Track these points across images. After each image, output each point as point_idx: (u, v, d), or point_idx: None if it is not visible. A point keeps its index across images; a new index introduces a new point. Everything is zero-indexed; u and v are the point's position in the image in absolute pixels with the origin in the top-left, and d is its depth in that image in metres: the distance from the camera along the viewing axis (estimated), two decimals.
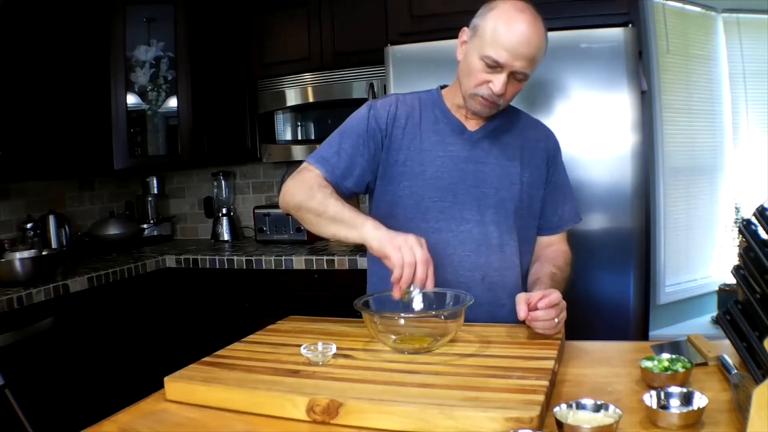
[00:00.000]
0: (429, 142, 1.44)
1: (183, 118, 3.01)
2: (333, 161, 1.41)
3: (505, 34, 1.28)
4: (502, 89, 1.32)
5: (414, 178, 1.43)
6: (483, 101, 1.35)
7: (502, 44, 1.28)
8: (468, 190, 1.42)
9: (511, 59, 1.28)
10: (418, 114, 1.46)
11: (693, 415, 0.85)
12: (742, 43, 3.22)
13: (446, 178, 1.42)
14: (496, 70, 1.31)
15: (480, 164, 1.44)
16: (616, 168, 2.20)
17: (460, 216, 1.42)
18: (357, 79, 2.82)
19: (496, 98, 1.34)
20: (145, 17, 2.98)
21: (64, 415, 2.15)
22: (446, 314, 1.20)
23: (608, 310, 2.23)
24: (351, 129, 1.45)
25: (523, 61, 1.29)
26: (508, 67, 1.30)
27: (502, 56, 1.28)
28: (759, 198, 2.85)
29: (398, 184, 1.44)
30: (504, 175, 1.44)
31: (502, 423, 0.84)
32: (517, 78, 1.33)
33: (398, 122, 1.45)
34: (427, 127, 1.45)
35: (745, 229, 0.95)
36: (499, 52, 1.28)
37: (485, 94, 1.34)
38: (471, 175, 1.43)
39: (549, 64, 2.23)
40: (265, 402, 0.99)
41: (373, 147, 1.43)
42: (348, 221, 1.28)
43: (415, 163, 1.43)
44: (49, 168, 2.64)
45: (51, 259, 2.43)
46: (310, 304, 2.62)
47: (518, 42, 1.27)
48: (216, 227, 3.37)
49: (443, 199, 1.42)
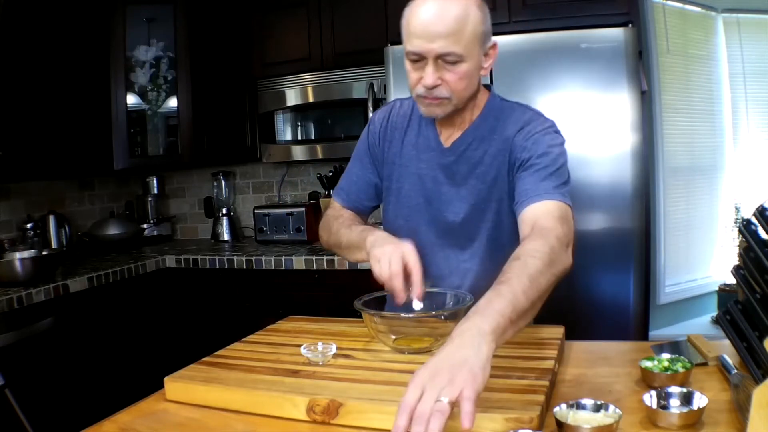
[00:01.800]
0: (407, 156, 1.41)
1: (183, 118, 3.01)
2: (346, 187, 1.50)
3: (413, 21, 1.20)
4: (433, 79, 1.21)
5: (394, 193, 1.44)
6: (425, 101, 1.25)
7: (414, 33, 1.19)
8: (432, 213, 1.38)
9: (427, 43, 1.18)
10: (406, 124, 1.42)
11: (693, 415, 0.85)
12: (742, 43, 3.22)
13: (414, 198, 1.40)
14: (421, 63, 1.21)
15: (447, 185, 1.36)
16: (616, 168, 2.20)
17: (426, 240, 1.37)
18: (357, 79, 2.82)
19: (433, 92, 1.23)
20: (145, 17, 2.98)
21: (64, 415, 2.15)
22: (446, 314, 1.20)
23: (608, 310, 2.23)
24: (357, 151, 1.50)
25: (441, 40, 1.17)
26: (429, 53, 1.19)
27: (417, 45, 1.19)
28: (759, 198, 2.85)
29: (386, 198, 1.47)
30: (469, 196, 1.35)
31: (502, 423, 0.84)
32: (449, 61, 1.19)
33: (388, 134, 1.44)
34: (409, 140, 1.41)
35: (745, 229, 0.95)
36: (413, 42, 1.20)
37: (421, 93, 1.24)
38: (436, 198, 1.37)
39: (549, 64, 2.25)
40: (265, 402, 0.99)
41: (375, 162, 1.47)
42: (356, 244, 1.32)
43: (394, 179, 1.43)
44: (49, 168, 2.64)
45: (51, 259, 2.43)
46: (310, 304, 2.62)
47: (427, 23, 1.17)
48: (216, 227, 3.37)
49: (410, 219, 1.41)
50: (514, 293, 0.93)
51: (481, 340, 0.84)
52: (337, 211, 1.49)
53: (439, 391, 0.77)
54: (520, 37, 2.25)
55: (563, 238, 1.13)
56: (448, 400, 0.76)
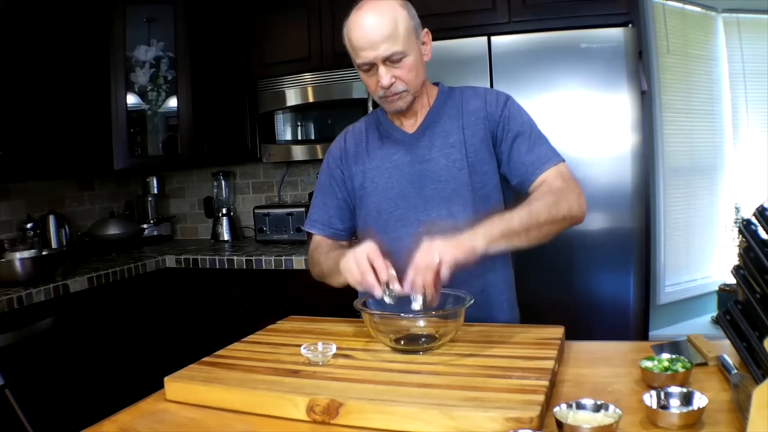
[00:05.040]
0: (376, 159, 1.49)
1: (183, 118, 3.01)
2: (317, 217, 1.56)
3: (354, 36, 1.34)
4: (388, 79, 1.34)
5: (370, 195, 1.49)
6: (388, 99, 1.39)
7: (357, 46, 1.34)
8: (418, 192, 1.44)
9: (372, 51, 1.32)
10: (365, 136, 1.53)
11: (693, 415, 0.85)
12: (742, 43, 3.22)
13: (395, 186, 1.46)
14: (372, 70, 1.36)
15: (424, 163, 1.44)
16: (616, 168, 2.20)
17: (416, 219, 1.43)
18: (357, 79, 2.81)
19: (391, 90, 1.36)
20: (145, 17, 2.98)
21: (64, 415, 2.15)
22: (446, 314, 1.20)
23: (608, 310, 2.23)
24: (320, 182, 1.58)
25: (383, 45, 1.32)
26: (377, 59, 1.33)
27: (363, 56, 1.34)
28: (759, 198, 2.85)
29: (363, 207, 1.51)
30: (449, 165, 1.43)
31: (502, 423, 0.84)
32: (395, 60, 1.33)
33: (349, 153, 1.53)
34: (374, 146, 1.51)
35: (745, 229, 0.95)
36: (359, 54, 1.34)
37: (383, 93, 1.38)
38: (417, 177, 1.44)
39: (549, 64, 2.25)
40: (265, 402, 0.99)
41: (341, 186, 1.53)
42: (334, 269, 1.34)
43: (368, 182, 1.49)
44: (49, 168, 2.64)
45: (51, 259, 2.43)
46: (310, 304, 2.61)
47: (365, 34, 1.32)
48: (216, 227, 3.37)
49: (397, 207, 1.46)
50: (510, 218, 1.23)
51: (474, 236, 1.18)
52: (316, 242, 1.56)
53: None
54: (520, 37, 2.25)
55: (574, 189, 1.33)
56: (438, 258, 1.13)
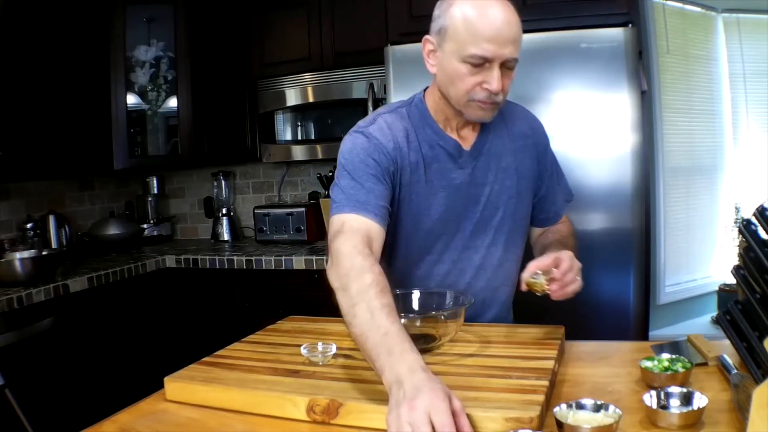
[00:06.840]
0: (431, 172, 1.31)
1: (183, 118, 3.01)
2: (366, 200, 1.21)
3: (483, 24, 1.14)
4: (500, 85, 1.18)
5: (415, 209, 1.32)
6: (482, 105, 1.22)
7: (483, 36, 1.14)
8: (470, 217, 1.36)
9: (499, 48, 1.15)
10: (415, 137, 1.30)
11: (693, 415, 0.85)
12: (742, 43, 3.22)
13: (451, 210, 1.34)
14: (485, 66, 1.17)
15: (480, 186, 1.35)
16: (616, 168, 2.20)
17: (460, 244, 1.37)
18: (357, 79, 2.82)
19: (495, 97, 1.21)
20: (145, 17, 2.98)
21: (64, 415, 2.15)
22: (446, 314, 1.20)
23: (608, 310, 2.22)
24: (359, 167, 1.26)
25: (511, 46, 1.16)
26: (497, 58, 1.16)
27: (487, 50, 1.15)
28: (759, 198, 2.85)
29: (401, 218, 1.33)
30: (502, 191, 1.37)
31: (502, 423, 0.84)
32: (509, 66, 1.20)
33: (402, 152, 1.28)
34: (427, 153, 1.31)
35: (745, 229, 0.95)
36: (482, 46, 1.15)
37: (482, 97, 1.20)
38: (472, 202, 1.35)
39: (549, 64, 2.24)
40: (265, 402, 0.99)
41: (388, 179, 1.27)
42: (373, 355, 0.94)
43: (421, 198, 1.31)
44: (49, 168, 2.64)
45: (51, 259, 2.43)
46: (310, 304, 2.60)
47: (500, 27, 1.15)
48: (216, 227, 3.37)
49: (445, 232, 1.36)
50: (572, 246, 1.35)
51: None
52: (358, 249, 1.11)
53: None
54: None
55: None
56: None
